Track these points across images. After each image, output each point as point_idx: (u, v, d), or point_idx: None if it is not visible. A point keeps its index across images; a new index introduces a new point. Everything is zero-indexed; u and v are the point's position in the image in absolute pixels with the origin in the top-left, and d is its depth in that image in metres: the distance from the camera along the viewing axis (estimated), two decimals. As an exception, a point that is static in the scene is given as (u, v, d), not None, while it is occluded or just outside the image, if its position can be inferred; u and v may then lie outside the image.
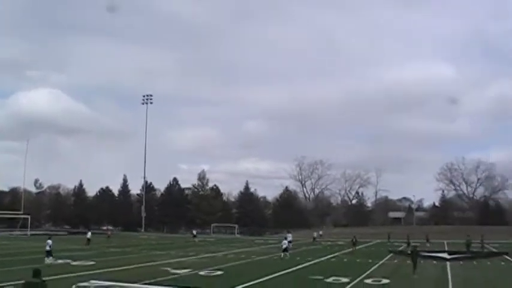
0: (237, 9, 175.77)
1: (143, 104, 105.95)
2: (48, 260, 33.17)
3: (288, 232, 54.45)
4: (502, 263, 36.54)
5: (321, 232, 78.72)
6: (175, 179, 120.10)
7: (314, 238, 72.72)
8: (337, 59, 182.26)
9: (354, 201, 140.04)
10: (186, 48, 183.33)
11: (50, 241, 34.48)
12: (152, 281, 22.68)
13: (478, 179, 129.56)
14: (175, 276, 26.71)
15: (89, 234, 57.87)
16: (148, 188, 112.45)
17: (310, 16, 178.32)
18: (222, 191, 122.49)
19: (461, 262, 36.88)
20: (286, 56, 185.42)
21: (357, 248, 50.42)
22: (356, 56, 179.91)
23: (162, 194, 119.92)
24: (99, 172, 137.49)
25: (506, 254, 43.72)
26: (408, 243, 57.23)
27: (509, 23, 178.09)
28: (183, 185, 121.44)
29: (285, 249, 40.95)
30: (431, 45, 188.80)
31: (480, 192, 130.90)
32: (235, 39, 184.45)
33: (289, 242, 47.23)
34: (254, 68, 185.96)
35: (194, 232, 74.05)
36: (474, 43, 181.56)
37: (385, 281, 25.60)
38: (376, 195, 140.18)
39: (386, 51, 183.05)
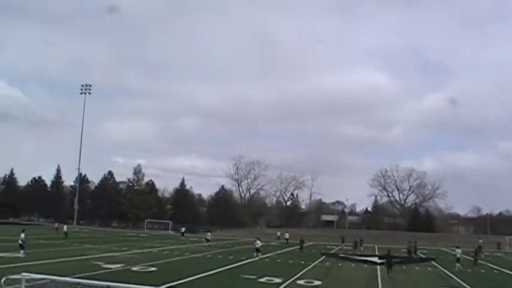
0: (180, 4, 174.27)
1: (81, 94, 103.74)
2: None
3: (208, 231, 54.75)
4: (429, 269, 37.81)
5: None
6: (110, 172, 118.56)
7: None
8: (277, 62, 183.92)
9: (288, 203, 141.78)
10: (122, 40, 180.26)
11: None
12: (83, 275, 22.11)
13: (410, 187, 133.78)
14: (107, 271, 26.25)
15: (65, 227, 56.76)
16: (82, 180, 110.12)
17: (252, 18, 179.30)
18: (157, 186, 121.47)
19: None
20: (227, 55, 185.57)
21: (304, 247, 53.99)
22: (295, 60, 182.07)
23: (96, 187, 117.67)
24: (32, 161, 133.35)
25: (433, 259, 45.44)
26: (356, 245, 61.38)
27: (444, 40, 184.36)
28: (118, 179, 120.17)
29: (258, 249, 41.29)
30: (372, 55, 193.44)
31: (411, 199, 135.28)
32: (175, 35, 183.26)
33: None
34: (194, 64, 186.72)
35: (182, 230, 73.99)
36: (414, 57, 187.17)
37: (317, 282, 25.98)
38: (310, 198, 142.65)
39: (326, 57, 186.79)
